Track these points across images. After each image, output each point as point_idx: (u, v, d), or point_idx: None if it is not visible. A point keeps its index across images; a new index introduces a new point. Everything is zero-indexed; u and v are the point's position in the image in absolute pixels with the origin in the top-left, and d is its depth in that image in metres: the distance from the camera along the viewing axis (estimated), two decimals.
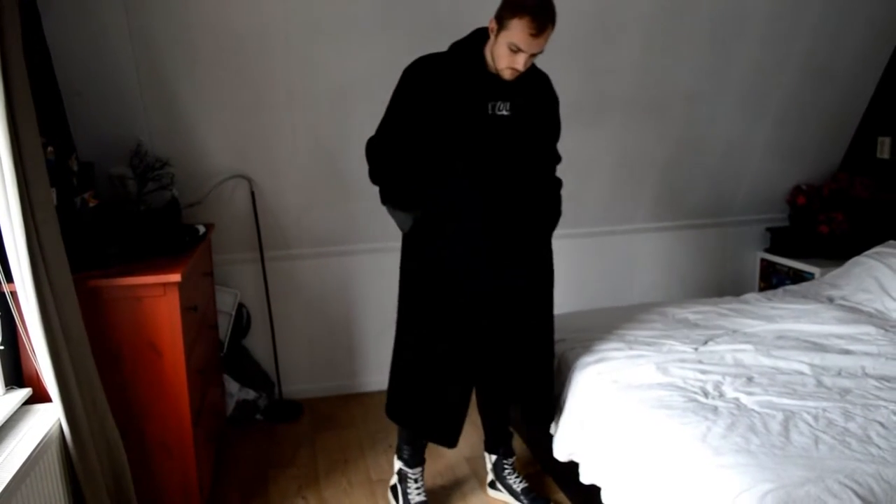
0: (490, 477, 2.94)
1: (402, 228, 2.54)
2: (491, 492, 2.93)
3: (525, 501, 2.82)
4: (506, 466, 2.88)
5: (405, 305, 2.60)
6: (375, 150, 2.49)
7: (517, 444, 3.24)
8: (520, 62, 2.25)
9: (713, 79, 3.70)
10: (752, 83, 3.79)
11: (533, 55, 2.26)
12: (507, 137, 2.41)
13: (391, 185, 2.50)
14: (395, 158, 2.47)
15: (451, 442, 2.62)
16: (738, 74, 3.73)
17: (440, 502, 2.87)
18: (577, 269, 4.15)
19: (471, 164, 2.40)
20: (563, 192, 2.80)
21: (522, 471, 3.00)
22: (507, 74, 2.31)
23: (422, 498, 2.74)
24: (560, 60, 3.43)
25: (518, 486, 2.85)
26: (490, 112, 2.37)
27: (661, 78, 3.63)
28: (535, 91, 2.48)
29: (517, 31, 2.19)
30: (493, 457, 2.90)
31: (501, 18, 2.23)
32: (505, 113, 2.38)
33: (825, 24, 3.65)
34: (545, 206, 2.60)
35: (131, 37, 2.95)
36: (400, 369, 2.63)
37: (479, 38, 2.39)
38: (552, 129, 2.59)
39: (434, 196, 2.45)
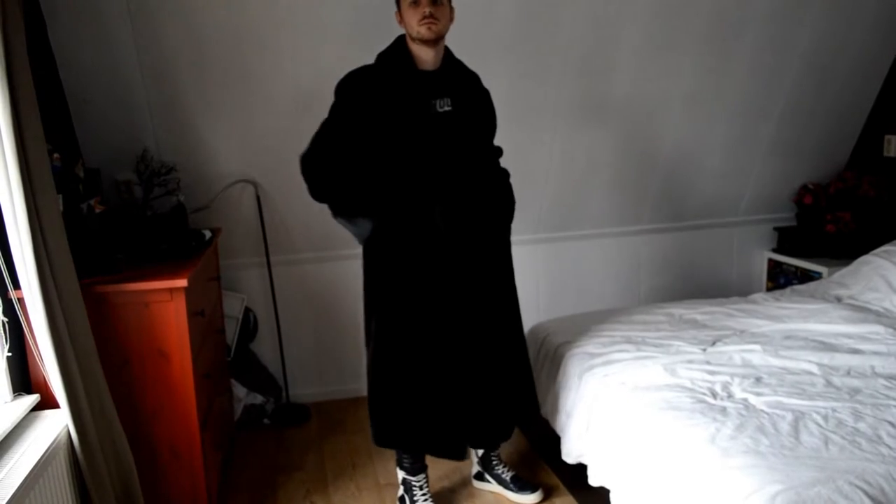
0: (476, 469, 2.96)
1: (360, 239, 2.52)
2: (476, 483, 2.96)
3: (514, 489, 2.85)
4: (493, 458, 2.90)
5: (375, 317, 2.57)
6: (314, 164, 2.46)
7: (522, 443, 3.24)
8: (426, 8, 2.31)
9: (716, 78, 3.69)
10: (757, 82, 3.77)
11: (436, 4, 2.33)
12: (453, 132, 2.47)
13: (340, 195, 2.48)
14: (339, 168, 2.46)
15: (458, 454, 2.64)
16: (742, 73, 3.71)
17: None
18: (583, 271, 4.14)
19: (426, 162, 2.44)
20: (569, 193, 2.81)
21: (531, 473, 3.00)
22: (424, 33, 2.34)
23: None
24: (560, 62, 3.44)
25: (507, 475, 2.88)
26: (437, 109, 2.43)
27: (665, 78, 3.63)
28: (469, 86, 2.57)
29: None
30: (480, 451, 2.91)
31: None
32: (448, 108, 2.45)
33: (829, 20, 3.64)
34: (498, 199, 2.64)
35: (136, 43, 2.96)
36: (382, 389, 2.59)
37: (402, 42, 2.46)
38: (490, 121, 2.63)
39: (391, 200, 2.46)
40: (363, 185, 2.47)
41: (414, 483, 2.74)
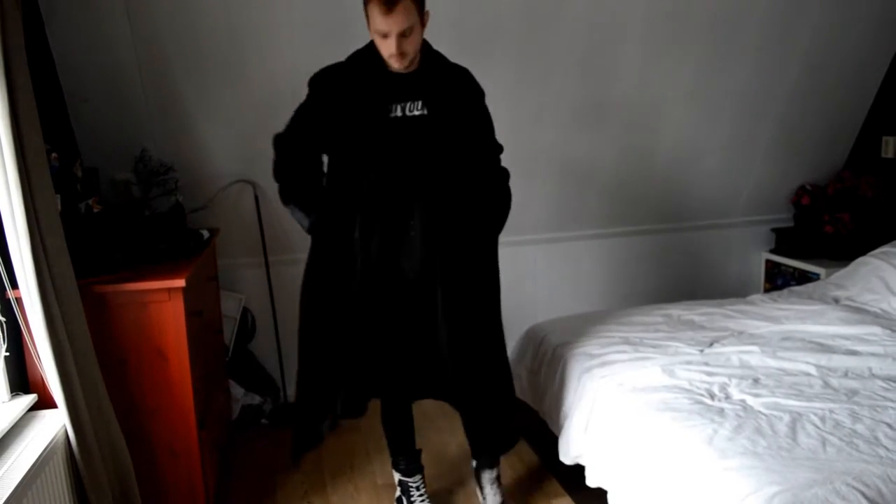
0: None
1: (303, 227, 2.46)
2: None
3: None
4: (483, 473, 2.75)
5: (307, 308, 2.53)
6: (283, 146, 2.44)
7: (520, 445, 3.24)
8: (392, 46, 2.19)
9: (715, 79, 3.70)
10: (755, 83, 3.78)
11: (405, 35, 2.18)
12: (423, 136, 2.34)
13: (292, 183, 2.43)
14: (299, 158, 2.43)
15: (357, 409, 2.49)
16: (741, 74, 3.72)
17: None
18: (581, 271, 4.15)
19: (378, 167, 2.34)
20: (567, 193, 2.77)
21: (528, 474, 3.00)
22: (395, 64, 2.25)
23: None
24: (561, 63, 3.45)
25: (490, 500, 2.72)
26: (397, 114, 2.32)
27: (663, 79, 3.63)
28: (453, 86, 2.41)
29: (373, 15, 2.18)
30: (474, 462, 2.79)
31: (365, 10, 2.22)
32: (417, 112, 2.32)
33: (828, 21, 3.64)
34: (488, 201, 2.50)
35: (134, 43, 2.96)
36: (301, 365, 2.56)
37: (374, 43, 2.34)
38: (480, 122, 2.48)
39: (345, 199, 2.37)
40: (313, 183, 2.43)
41: (411, 484, 2.74)
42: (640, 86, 3.63)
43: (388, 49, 2.21)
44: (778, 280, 4.25)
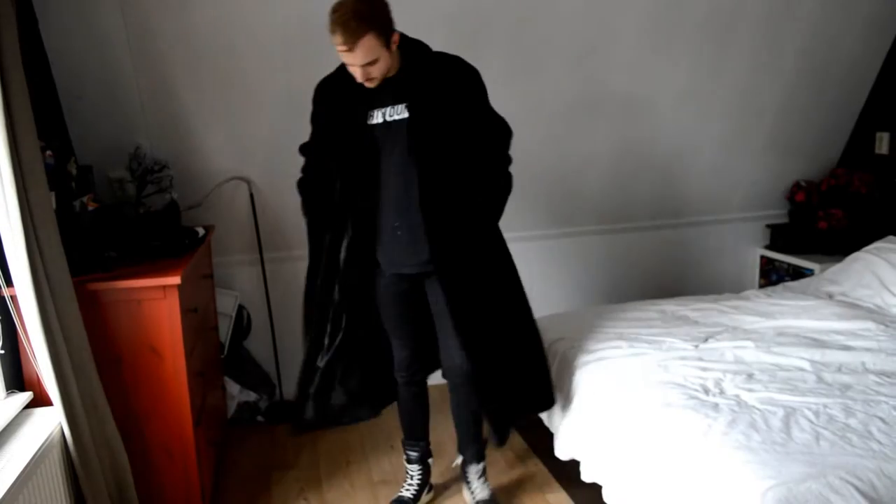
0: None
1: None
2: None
3: None
4: (468, 470, 2.77)
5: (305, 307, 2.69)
6: (304, 155, 2.60)
7: (516, 440, 3.24)
8: (358, 74, 2.20)
9: (710, 75, 3.70)
10: (751, 79, 3.79)
11: (371, 64, 2.17)
12: (408, 140, 2.32)
13: (303, 192, 2.60)
14: (311, 168, 2.58)
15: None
16: (735, 71, 3.72)
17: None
18: (576, 267, 4.15)
19: (346, 174, 2.42)
20: (562, 190, 2.75)
21: (522, 468, 3.00)
22: (368, 85, 2.25)
23: None
24: (556, 59, 3.45)
25: (479, 494, 2.73)
26: (378, 120, 2.34)
27: (658, 75, 3.63)
28: (439, 81, 2.32)
29: (337, 46, 2.15)
30: (460, 457, 2.81)
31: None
32: (398, 117, 2.32)
33: (823, 18, 3.65)
34: (485, 188, 2.46)
35: (129, 40, 2.95)
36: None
37: None
38: (475, 108, 2.38)
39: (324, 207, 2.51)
40: (316, 187, 2.55)
41: (407, 469, 2.81)
42: (636, 82, 3.63)
43: (357, 76, 2.22)
44: (772, 276, 4.27)
